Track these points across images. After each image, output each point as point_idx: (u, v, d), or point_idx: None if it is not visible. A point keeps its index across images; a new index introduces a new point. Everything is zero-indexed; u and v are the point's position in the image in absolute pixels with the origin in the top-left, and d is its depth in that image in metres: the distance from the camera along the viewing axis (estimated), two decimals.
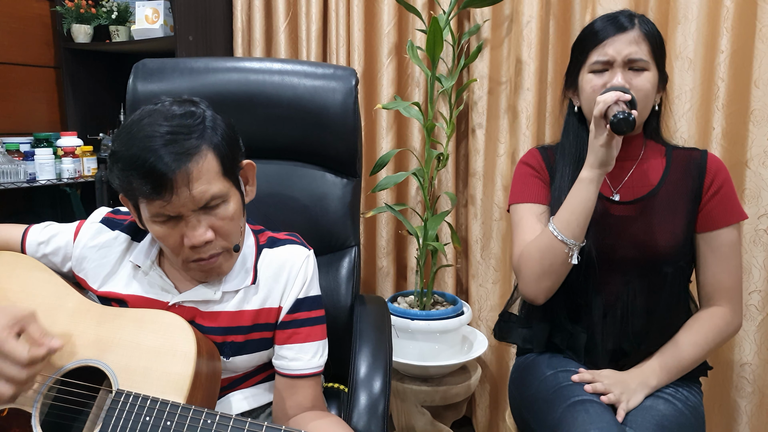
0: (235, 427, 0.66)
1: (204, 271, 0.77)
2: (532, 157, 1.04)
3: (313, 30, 1.79)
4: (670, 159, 0.98)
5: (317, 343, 0.83)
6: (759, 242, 1.26)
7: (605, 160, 0.87)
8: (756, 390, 1.29)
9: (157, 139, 0.68)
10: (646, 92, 0.91)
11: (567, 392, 0.90)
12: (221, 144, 0.73)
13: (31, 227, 0.87)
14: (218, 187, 0.72)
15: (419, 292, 1.58)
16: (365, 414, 0.88)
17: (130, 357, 0.73)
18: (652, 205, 0.95)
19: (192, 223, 0.72)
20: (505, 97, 1.60)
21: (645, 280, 0.94)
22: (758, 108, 1.23)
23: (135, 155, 0.68)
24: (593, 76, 0.93)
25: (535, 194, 1.00)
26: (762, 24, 1.20)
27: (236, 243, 0.78)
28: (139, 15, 1.85)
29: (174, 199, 0.69)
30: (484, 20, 1.58)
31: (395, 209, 1.56)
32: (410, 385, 1.49)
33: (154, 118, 0.71)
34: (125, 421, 0.67)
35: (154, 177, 0.68)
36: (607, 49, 0.91)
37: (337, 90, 1.07)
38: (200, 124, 0.72)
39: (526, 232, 0.97)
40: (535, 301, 0.96)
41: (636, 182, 0.97)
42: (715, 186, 0.94)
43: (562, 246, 0.90)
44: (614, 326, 0.95)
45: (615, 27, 0.92)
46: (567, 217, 0.89)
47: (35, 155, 1.82)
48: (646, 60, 0.91)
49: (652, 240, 0.93)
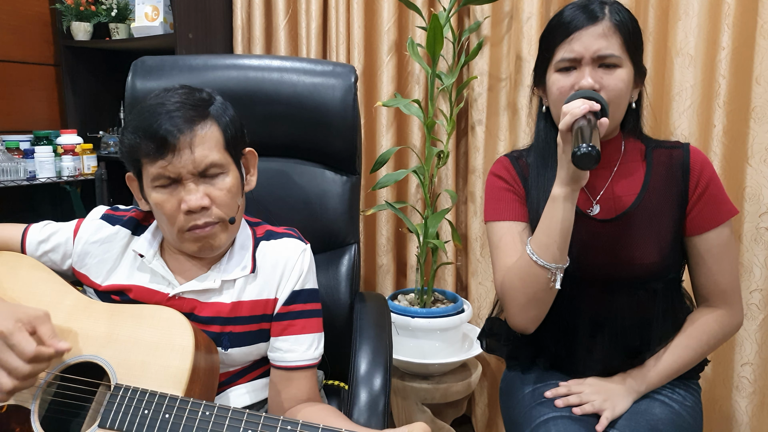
0: (233, 418, 0.66)
1: (198, 241, 0.78)
2: (503, 167, 0.96)
3: (313, 27, 1.78)
4: (651, 162, 0.91)
5: (312, 336, 0.84)
6: (760, 240, 1.25)
7: (578, 175, 0.78)
8: (757, 390, 1.29)
9: (167, 106, 0.75)
10: (619, 92, 0.83)
11: (537, 412, 0.87)
12: (227, 122, 0.79)
13: (30, 227, 0.88)
14: (218, 156, 0.77)
15: (420, 290, 1.58)
16: (366, 411, 0.88)
17: (129, 352, 0.73)
18: (635, 219, 0.88)
19: (189, 187, 0.75)
20: (505, 94, 1.59)
21: (633, 297, 0.88)
22: (759, 105, 1.23)
23: (144, 119, 0.75)
24: (560, 75, 0.85)
25: (511, 211, 0.92)
26: (763, 20, 1.20)
27: (232, 216, 0.80)
28: (139, 12, 1.85)
29: (175, 160, 0.74)
30: (484, 17, 1.58)
31: (395, 207, 1.56)
32: (411, 383, 1.49)
33: (168, 93, 0.78)
34: (123, 415, 0.68)
35: (159, 136, 0.73)
36: (574, 45, 0.83)
37: (337, 87, 1.07)
38: (210, 101, 0.79)
39: (508, 254, 0.89)
40: (526, 331, 0.89)
41: (616, 192, 0.90)
42: (702, 186, 0.88)
43: (543, 271, 0.82)
44: (604, 345, 0.90)
45: (585, 15, 0.83)
46: (545, 241, 0.82)
47: (35, 153, 1.82)
48: (618, 55, 0.82)
49: (637, 259, 0.87)
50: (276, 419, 0.65)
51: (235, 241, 0.84)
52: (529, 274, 0.84)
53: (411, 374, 1.54)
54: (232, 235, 0.82)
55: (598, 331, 0.91)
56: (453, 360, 1.49)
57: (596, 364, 0.92)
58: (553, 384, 0.93)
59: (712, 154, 1.27)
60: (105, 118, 2.17)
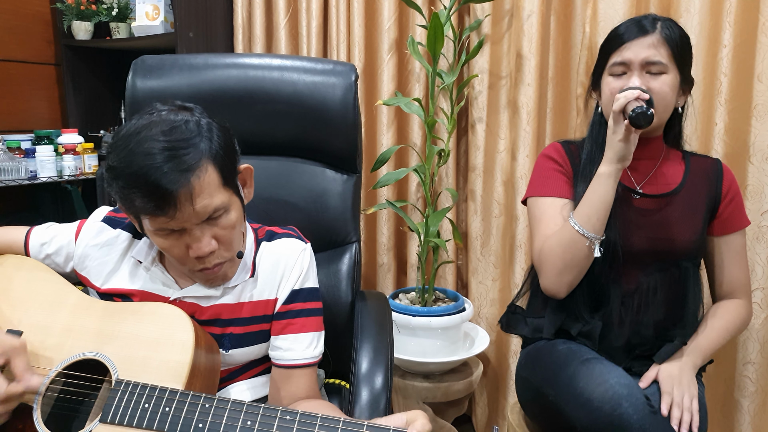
0: (233, 410, 0.66)
1: (209, 280, 0.80)
2: (555, 151, 1.05)
3: (313, 26, 1.78)
4: (689, 163, 1.03)
5: (312, 334, 0.84)
6: (762, 239, 1.25)
7: (623, 154, 0.89)
8: (759, 389, 1.29)
9: (156, 156, 0.68)
10: (664, 95, 0.94)
11: (579, 353, 0.93)
12: (219, 153, 0.73)
13: (33, 229, 0.88)
14: (220, 198, 0.73)
15: (420, 289, 1.58)
16: (367, 409, 0.88)
17: (130, 348, 0.73)
18: (674, 202, 0.98)
19: (195, 234, 0.73)
20: (505, 92, 1.59)
21: (664, 273, 0.97)
22: (761, 103, 1.22)
23: (136, 173, 0.68)
24: (612, 78, 0.97)
25: (558, 188, 1.01)
26: (765, 17, 1.20)
27: (239, 250, 0.80)
28: (140, 12, 1.85)
29: (178, 215, 0.70)
30: (484, 15, 1.58)
31: (396, 206, 1.56)
32: (412, 382, 1.50)
33: (151, 131, 0.70)
34: (124, 410, 0.68)
35: (157, 195, 0.68)
36: (625, 52, 0.94)
37: (337, 86, 1.07)
38: (197, 136, 0.71)
39: (549, 226, 0.98)
40: (557, 295, 0.97)
41: (658, 180, 1.00)
42: (731, 194, 1.01)
43: (583, 240, 0.92)
44: (629, 316, 0.97)
45: (637, 29, 0.94)
46: (587, 211, 0.92)
47: (36, 152, 1.82)
48: (665, 63, 0.93)
49: (673, 235, 0.96)
50: (275, 409, 0.66)
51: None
52: (570, 241, 0.93)
53: (412, 373, 1.54)
54: (239, 263, 0.83)
55: (630, 303, 0.97)
56: (454, 359, 1.49)
57: (623, 335, 0.97)
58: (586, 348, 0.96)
59: (714, 153, 1.27)
60: (106, 117, 2.17)
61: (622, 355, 0.97)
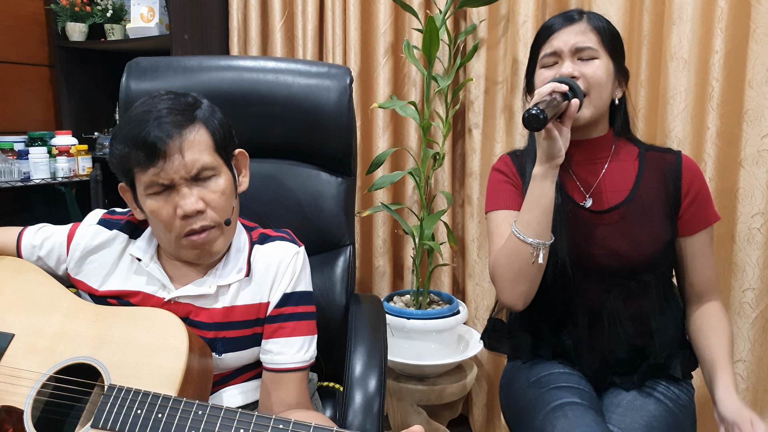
0: (225, 417, 0.66)
1: (197, 248, 0.79)
2: (503, 163, 1.02)
3: (309, 29, 1.78)
4: (642, 161, 0.96)
5: (303, 338, 0.84)
6: (753, 241, 1.26)
7: (550, 152, 0.84)
8: (750, 387, 1.30)
9: (153, 113, 0.75)
10: (598, 79, 0.89)
11: (547, 397, 0.89)
12: (214, 124, 0.79)
13: (25, 230, 0.88)
14: (209, 158, 0.77)
15: (415, 292, 1.58)
16: (360, 413, 0.88)
17: (123, 353, 0.73)
18: (627, 213, 0.92)
19: (183, 192, 0.75)
20: (501, 96, 1.60)
21: (625, 288, 0.92)
22: (752, 108, 1.24)
23: (132, 128, 0.74)
24: (544, 70, 0.94)
25: (508, 201, 0.97)
26: (756, 24, 1.21)
27: (227, 217, 0.80)
28: (135, 13, 1.84)
29: (167, 166, 0.73)
30: (480, 20, 1.59)
31: (391, 208, 1.56)
32: (406, 384, 1.49)
33: (154, 100, 0.78)
34: (117, 415, 0.67)
35: (148, 144, 0.73)
36: (554, 41, 0.92)
37: (332, 88, 1.07)
38: (196, 105, 0.79)
39: (502, 238, 0.94)
40: (514, 308, 0.92)
41: (608, 186, 0.94)
42: (693, 193, 0.93)
43: (527, 247, 0.86)
44: (602, 333, 0.93)
45: (563, 19, 0.92)
46: (527, 217, 0.87)
47: (29, 154, 1.81)
48: (595, 48, 0.90)
49: (628, 250, 0.91)
50: (268, 418, 0.65)
51: (232, 245, 0.84)
52: (514, 251, 0.88)
53: (406, 376, 1.54)
54: (228, 238, 0.82)
55: (596, 322, 0.94)
56: (448, 361, 1.49)
57: (598, 355, 0.94)
58: (559, 372, 0.94)
59: (706, 156, 1.28)
60: (100, 119, 2.16)
61: (602, 373, 0.95)
